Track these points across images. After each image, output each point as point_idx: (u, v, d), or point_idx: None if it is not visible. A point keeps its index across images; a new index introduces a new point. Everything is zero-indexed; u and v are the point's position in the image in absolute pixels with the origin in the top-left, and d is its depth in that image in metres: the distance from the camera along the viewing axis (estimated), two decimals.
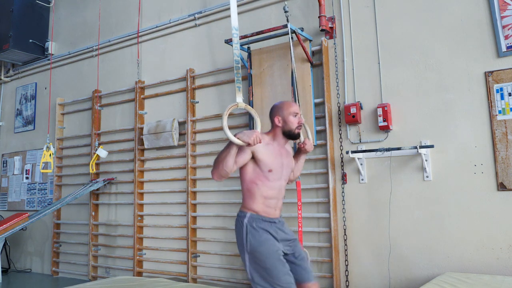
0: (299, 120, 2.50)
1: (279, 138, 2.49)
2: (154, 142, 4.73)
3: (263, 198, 2.39)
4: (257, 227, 2.35)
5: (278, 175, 2.44)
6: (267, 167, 2.39)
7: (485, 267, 3.06)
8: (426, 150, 3.30)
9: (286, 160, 2.52)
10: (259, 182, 2.39)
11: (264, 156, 2.38)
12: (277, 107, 2.54)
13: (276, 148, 2.46)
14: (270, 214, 2.41)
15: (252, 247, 2.31)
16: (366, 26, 3.74)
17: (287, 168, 2.52)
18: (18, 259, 6.06)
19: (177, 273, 4.48)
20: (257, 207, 2.39)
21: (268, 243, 2.33)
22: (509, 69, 3.11)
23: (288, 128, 2.47)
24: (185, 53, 4.81)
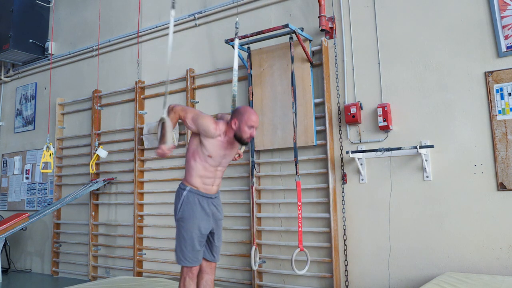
0: (251, 133, 2.67)
1: (230, 136, 2.67)
2: (154, 142, 4.73)
3: (199, 177, 2.66)
4: (192, 202, 2.62)
5: (217, 163, 2.69)
6: (207, 152, 2.63)
7: (485, 267, 3.06)
8: (426, 150, 3.30)
9: (229, 152, 2.74)
10: (198, 159, 2.65)
11: (210, 145, 2.63)
12: (239, 112, 2.69)
13: (223, 142, 2.67)
14: (208, 190, 2.69)
15: (180, 217, 2.62)
16: (366, 26, 3.74)
17: (227, 158, 2.76)
18: (18, 259, 6.06)
19: (177, 273, 4.47)
20: (196, 183, 2.66)
21: (195, 220, 2.61)
22: (509, 69, 3.11)
23: (239, 135, 2.66)
24: (185, 53, 4.81)
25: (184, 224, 2.60)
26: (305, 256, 3.42)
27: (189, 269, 2.63)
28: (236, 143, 2.72)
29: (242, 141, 2.65)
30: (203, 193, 2.65)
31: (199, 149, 2.63)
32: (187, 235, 2.59)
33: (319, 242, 3.71)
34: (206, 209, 2.65)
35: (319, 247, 3.71)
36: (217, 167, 2.69)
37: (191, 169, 2.65)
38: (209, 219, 2.66)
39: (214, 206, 2.72)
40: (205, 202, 2.64)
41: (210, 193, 2.69)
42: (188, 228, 2.59)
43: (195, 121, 2.62)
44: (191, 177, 2.65)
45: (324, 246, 3.67)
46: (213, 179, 2.70)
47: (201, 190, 2.65)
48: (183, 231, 2.60)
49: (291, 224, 3.85)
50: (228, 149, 2.70)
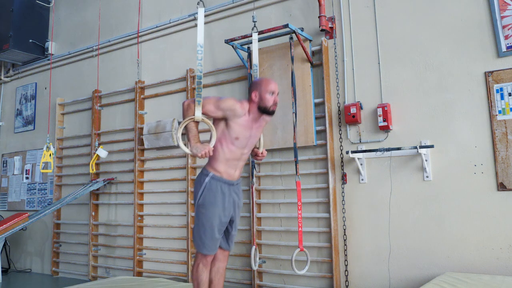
0: (275, 99, 2.62)
1: (254, 112, 2.62)
2: (154, 142, 4.73)
3: (225, 160, 2.60)
4: (215, 189, 2.57)
5: (243, 144, 2.63)
6: (235, 134, 2.57)
7: (485, 267, 3.06)
8: (426, 150, 3.30)
9: (254, 133, 2.69)
10: (224, 143, 2.59)
11: (236, 125, 2.56)
12: (256, 83, 2.66)
13: (248, 121, 2.61)
14: (230, 175, 2.63)
15: (201, 204, 2.57)
16: (366, 26, 3.74)
17: (253, 139, 2.70)
18: (18, 259, 6.06)
19: (177, 273, 4.48)
20: (219, 167, 2.60)
21: (216, 208, 2.56)
22: (509, 69, 3.11)
23: (263, 105, 2.59)
24: (185, 53, 4.81)
25: (205, 211, 2.55)
26: (305, 256, 3.42)
27: (204, 257, 2.60)
28: (261, 122, 2.68)
29: (267, 110, 2.59)
30: (226, 180, 2.60)
31: (225, 133, 2.57)
32: (207, 222, 2.54)
33: (319, 242, 3.71)
34: (228, 197, 2.60)
35: (319, 247, 3.71)
36: (243, 150, 2.63)
37: (217, 154, 2.58)
38: (230, 207, 2.61)
39: (235, 193, 2.67)
40: (226, 189, 2.59)
41: (232, 179, 2.63)
42: (208, 215, 2.54)
43: (219, 106, 2.53)
44: (216, 162, 2.59)
45: (324, 246, 3.67)
46: (238, 163, 2.65)
47: (224, 176, 2.59)
48: (204, 218, 2.55)
49: (291, 224, 3.85)
50: (254, 128, 2.64)
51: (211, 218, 2.54)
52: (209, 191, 2.56)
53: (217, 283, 2.76)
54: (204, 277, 2.64)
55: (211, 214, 2.54)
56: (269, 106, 2.58)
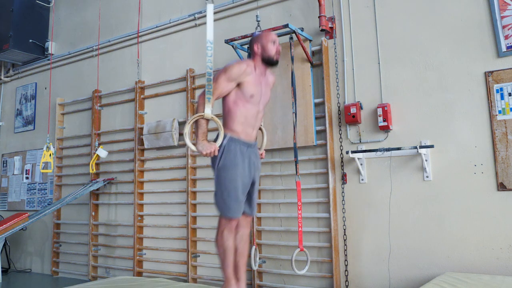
0: (277, 47, 2.65)
1: (259, 66, 2.65)
2: (154, 142, 4.73)
3: (243, 117, 2.59)
4: (234, 149, 2.53)
5: (257, 100, 2.64)
6: (250, 93, 2.58)
7: (485, 267, 3.06)
8: (426, 150, 3.30)
9: (265, 89, 2.70)
10: (239, 102, 2.58)
11: (248, 84, 2.58)
12: (256, 36, 2.69)
13: (257, 77, 2.63)
14: (248, 135, 2.62)
15: (222, 166, 2.52)
16: (366, 26, 3.74)
17: (264, 96, 2.71)
18: (18, 259, 6.06)
19: (177, 273, 4.48)
20: (237, 127, 2.58)
21: (238, 168, 2.52)
22: (509, 69, 3.11)
23: (267, 55, 2.62)
24: (185, 53, 4.81)
25: (227, 173, 2.51)
26: (305, 256, 3.42)
27: (228, 222, 2.55)
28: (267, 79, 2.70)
29: (271, 59, 2.61)
30: (244, 140, 2.58)
31: (239, 93, 2.57)
32: (230, 184, 2.50)
33: (319, 242, 3.71)
34: (247, 158, 2.57)
35: (319, 247, 3.71)
36: (258, 107, 2.64)
37: (233, 115, 2.57)
38: (250, 168, 2.58)
39: (254, 155, 2.65)
40: (245, 151, 2.57)
41: (250, 140, 2.62)
42: (231, 176, 2.50)
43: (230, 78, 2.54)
44: (233, 123, 2.57)
45: (324, 246, 3.67)
46: (255, 122, 2.64)
47: (242, 136, 2.58)
48: (226, 181, 2.50)
49: (291, 224, 3.85)
50: (263, 85, 2.67)
51: (234, 179, 2.50)
52: (228, 153, 2.52)
53: (242, 250, 2.70)
54: (230, 243, 2.58)
55: (234, 175, 2.50)
56: (272, 54, 2.60)
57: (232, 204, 2.50)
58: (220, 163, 2.53)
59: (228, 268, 2.64)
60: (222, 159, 2.53)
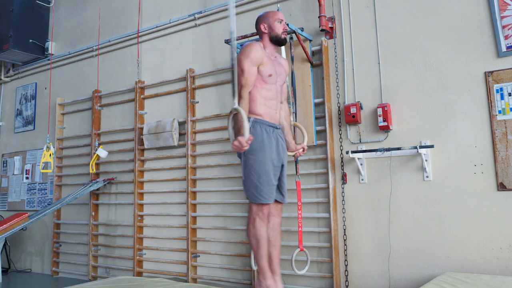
0: (284, 26, 2.63)
1: (269, 46, 2.63)
2: (154, 142, 4.73)
3: (264, 99, 2.54)
4: (260, 132, 2.46)
5: (275, 80, 2.60)
6: (268, 72, 2.55)
7: (485, 267, 3.06)
8: (426, 150, 3.30)
9: (279, 69, 2.68)
10: (258, 85, 2.54)
11: (266, 64, 2.55)
12: (262, 16, 2.67)
13: (269, 55, 2.61)
14: (272, 117, 2.56)
15: (249, 150, 2.39)
16: (366, 26, 3.74)
17: (280, 76, 2.68)
18: (18, 259, 6.06)
19: (177, 273, 4.48)
20: (260, 109, 2.52)
21: (266, 151, 2.44)
22: (509, 69, 3.11)
23: (274, 34, 2.60)
24: (185, 53, 4.81)
25: (256, 156, 2.41)
26: (305, 256, 3.42)
27: (259, 209, 2.42)
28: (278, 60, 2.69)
29: (279, 38, 2.59)
30: (269, 122, 2.52)
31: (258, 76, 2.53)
32: (260, 168, 2.40)
33: (319, 242, 3.71)
34: (274, 139, 2.49)
35: (319, 247, 3.71)
36: (276, 86, 2.61)
37: (254, 97, 2.52)
38: (279, 149, 2.50)
39: (280, 137, 2.59)
40: (271, 132, 2.50)
41: (275, 121, 2.56)
42: (260, 160, 2.40)
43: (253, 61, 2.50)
44: (255, 105, 2.51)
45: (324, 246, 3.67)
46: (277, 103, 2.60)
47: (266, 118, 2.52)
48: (255, 165, 2.40)
49: (291, 224, 3.85)
50: (276, 63, 2.65)
51: (264, 163, 2.40)
52: (255, 136, 2.42)
53: (274, 240, 2.57)
54: (263, 231, 2.45)
55: (263, 158, 2.40)
56: (280, 33, 2.58)
57: (264, 188, 2.38)
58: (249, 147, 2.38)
59: (262, 260, 2.50)
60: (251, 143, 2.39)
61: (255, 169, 2.40)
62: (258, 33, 2.66)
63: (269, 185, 2.41)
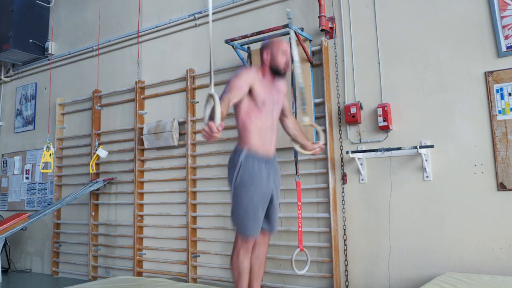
0: (287, 59, 2.57)
1: (268, 75, 2.56)
2: (154, 142, 4.73)
3: (258, 131, 2.49)
4: (251, 165, 2.42)
5: (270, 109, 2.55)
6: (261, 98, 2.49)
7: (485, 267, 3.06)
8: (426, 150, 3.30)
9: (276, 97, 2.62)
10: (252, 114, 2.49)
11: (258, 89, 2.48)
12: (268, 43, 2.60)
13: (266, 85, 2.55)
14: (266, 149, 2.51)
15: (239, 183, 2.41)
16: (366, 26, 3.74)
17: (277, 105, 2.63)
18: (18, 259, 6.06)
19: (177, 273, 4.48)
20: (253, 141, 2.48)
21: (256, 184, 2.41)
22: (509, 69, 3.11)
23: (275, 65, 2.54)
24: (185, 53, 4.81)
25: (245, 189, 2.39)
26: (305, 256, 3.42)
27: (244, 241, 2.42)
28: (279, 88, 2.63)
29: (279, 70, 2.53)
30: (261, 155, 2.48)
31: (251, 103, 2.48)
32: (249, 201, 2.38)
33: (319, 242, 3.71)
34: (265, 173, 2.46)
35: (319, 247, 3.71)
36: (272, 116, 2.56)
37: (248, 128, 2.48)
38: (269, 183, 2.48)
39: (273, 170, 2.55)
40: (263, 166, 2.46)
41: (268, 153, 2.52)
42: (249, 193, 2.38)
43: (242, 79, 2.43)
44: (248, 136, 2.48)
45: (324, 246, 3.67)
46: (271, 135, 2.56)
47: (259, 150, 2.48)
48: (244, 198, 2.39)
49: (291, 224, 3.85)
50: (274, 91, 2.59)
51: (253, 196, 2.38)
52: (245, 169, 2.40)
53: (257, 270, 2.58)
54: (246, 264, 2.46)
55: (252, 192, 2.39)
56: (281, 65, 2.53)
57: (250, 221, 2.39)
58: (237, 179, 2.41)
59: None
60: (240, 175, 2.42)
61: (243, 201, 2.40)
62: (260, 58, 2.60)
63: (256, 219, 2.40)
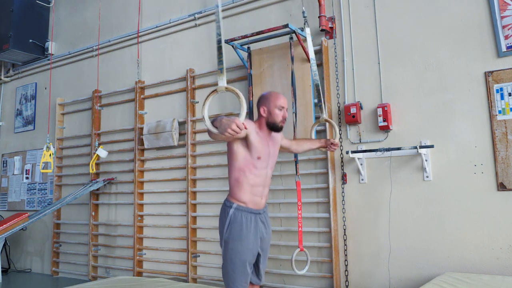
0: (283, 114, 2.51)
1: (264, 128, 2.51)
2: (154, 142, 4.73)
3: (250, 187, 2.43)
4: (240, 220, 2.40)
5: (265, 164, 2.49)
6: (257, 154, 2.41)
7: (485, 267, 3.06)
8: (426, 150, 3.30)
9: (272, 150, 2.56)
10: (246, 170, 2.42)
11: (256, 142, 2.41)
12: (264, 97, 2.54)
13: (263, 138, 2.49)
14: (256, 203, 2.46)
15: (227, 238, 2.40)
16: (366, 26, 3.74)
17: (273, 157, 2.57)
18: (18, 259, 6.06)
19: (177, 273, 4.48)
20: (244, 197, 2.43)
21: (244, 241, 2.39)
22: (509, 69, 3.11)
23: (272, 121, 2.49)
24: (185, 53, 4.81)
25: (233, 245, 2.38)
26: (305, 256, 3.42)
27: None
28: (274, 139, 2.58)
29: (276, 126, 2.48)
30: (251, 209, 2.43)
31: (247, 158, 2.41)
32: (236, 257, 2.37)
33: (319, 242, 3.71)
34: (253, 228, 2.43)
35: (319, 247, 3.71)
36: (266, 170, 2.50)
37: (240, 182, 2.42)
38: (257, 239, 2.45)
39: (262, 223, 2.50)
40: (253, 221, 2.43)
41: (258, 208, 2.48)
42: (237, 250, 2.38)
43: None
44: (240, 191, 2.43)
45: (324, 246, 3.67)
46: (262, 188, 2.50)
47: (249, 205, 2.43)
48: (232, 254, 2.38)
49: (291, 224, 3.85)
50: (271, 145, 2.53)
51: (240, 253, 2.37)
52: (234, 224, 2.39)
53: None
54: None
55: (240, 248, 2.37)
56: (278, 121, 2.48)
57: (238, 277, 2.37)
58: (226, 235, 2.40)
59: None
60: (228, 231, 2.40)
61: (231, 258, 2.39)
62: (257, 111, 2.54)
63: (244, 275, 2.39)
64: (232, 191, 2.47)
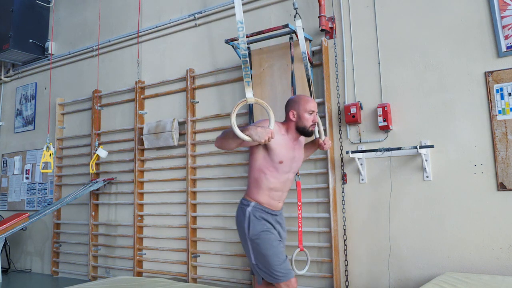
0: (314, 118, 2.49)
1: (292, 132, 2.49)
2: (154, 142, 4.73)
3: (268, 190, 2.41)
4: (259, 217, 2.37)
5: (287, 168, 2.45)
6: (279, 158, 2.39)
7: (485, 267, 3.06)
8: (426, 150, 3.30)
9: (298, 154, 2.53)
10: (267, 172, 2.40)
11: (278, 146, 2.38)
12: (294, 101, 2.52)
13: (289, 141, 2.46)
14: (273, 206, 2.45)
15: (254, 235, 2.35)
16: (366, 26, 3.74)
17: (297, 162, 2.54)
18: (18, 259, 6.06)
19: (177, 273, 4.48)
20: (261, 198, 2.41)
21: (269, 232, 2.36)
22: (509, 69, 3.11)
23: (302, 125, 2.46)
24: (185, 53, 4.81)
25: (261, 240, 2.34)
26: (305, 256, 3.42)
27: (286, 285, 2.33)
28: (300, 142, 2.56)
29: (306, 131, 2.46)
30: (267, 209, 2.42)
31: (268, 159, 2.39)
32: (271, 248, 2.32)
33: (319, 242, 3.71)
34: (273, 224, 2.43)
35: (319, 247, 3.71)
36: (288, 175, 2.48)
37: (260, 183, 2.41)
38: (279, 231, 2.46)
39: (279, 224, 2.50)
40: (270, 218, 2.42)
41: (275, 209, 2.47)
42: (268, 241, 2.33)
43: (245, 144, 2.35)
44: (258, 192, 2.41)
45: (324, 246, 3.67)
46: (281, 192, 2.49)
47: (265, 206, 2.42)
48: (264, 247, 2.33)
49: (291, 224, 3.84)
50: (296, 149, 2.52)
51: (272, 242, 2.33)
52: (255, 220, 2.37)
53: None
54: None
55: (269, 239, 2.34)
56: (308, 126, 2.46)
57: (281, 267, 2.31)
58: (251, 232, 2.36)
59: None
60: (251, 228, 2.37)
61: (266, 251, 2.33)
62: (286, 114, 2.50)
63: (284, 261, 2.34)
64: (250, 190, 2.45)
